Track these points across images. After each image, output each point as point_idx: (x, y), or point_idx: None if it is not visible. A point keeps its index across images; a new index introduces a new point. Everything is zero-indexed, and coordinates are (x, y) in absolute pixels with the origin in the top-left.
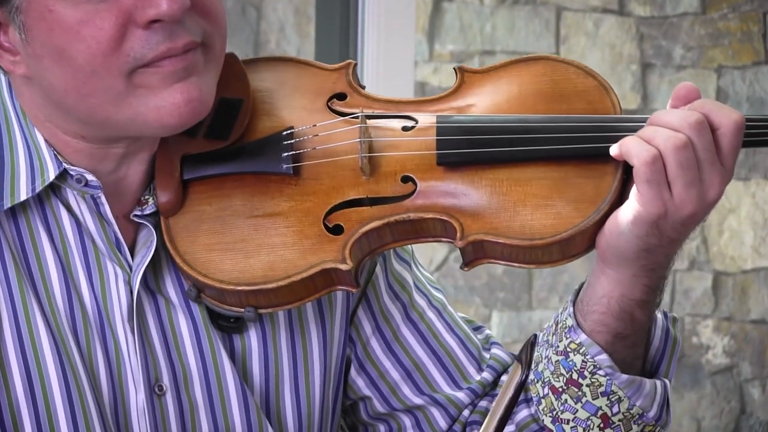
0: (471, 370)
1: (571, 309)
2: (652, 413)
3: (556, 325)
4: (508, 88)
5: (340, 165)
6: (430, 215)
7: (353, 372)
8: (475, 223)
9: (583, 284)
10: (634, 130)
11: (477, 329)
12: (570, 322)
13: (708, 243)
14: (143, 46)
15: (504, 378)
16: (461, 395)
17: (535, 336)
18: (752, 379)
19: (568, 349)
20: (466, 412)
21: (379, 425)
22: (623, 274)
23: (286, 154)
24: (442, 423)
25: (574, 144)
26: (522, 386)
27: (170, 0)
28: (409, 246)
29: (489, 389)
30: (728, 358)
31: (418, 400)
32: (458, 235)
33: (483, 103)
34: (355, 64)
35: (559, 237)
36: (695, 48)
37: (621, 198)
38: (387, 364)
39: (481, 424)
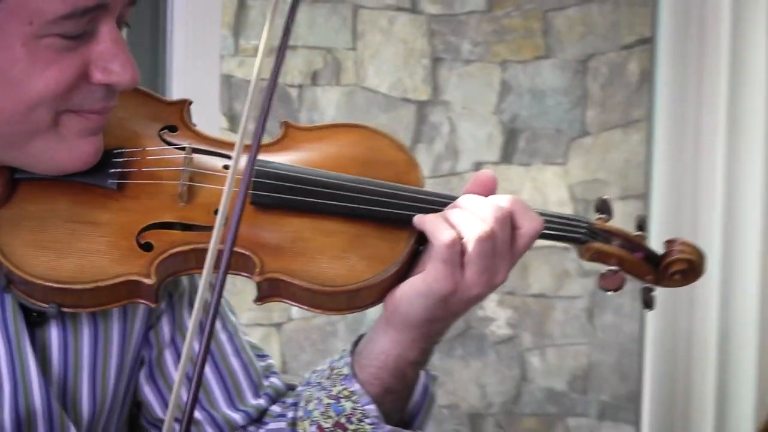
0: (249, 394)
1: (349, 359)
2: None
3: (331, 370)
4: (327, 147)
5: (161, 189)
6: (234, 248)
7: (143, 376)
8: (274, 262)
9: (362, 336)
10: (433, 204)
11: (261, 357)
12: (346, 371)
13: None
14: (85, 98)
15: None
16: (237, 416)
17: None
18: (532, 348)
19: (341, 395)
20: None
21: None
22: (404, 337)
23: (113, 170)
24: None
25: (378, 207)
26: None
27: (132, 78)
28: None
29: (262, 416)
30: (510, 329)
31: (197, 415)
32: (257, 270)
33: (301, 156)
34: (191, 102)
35: (348, 288)
36: (482, 43)
37: (411, 264)
38: (174, 376)
39: None
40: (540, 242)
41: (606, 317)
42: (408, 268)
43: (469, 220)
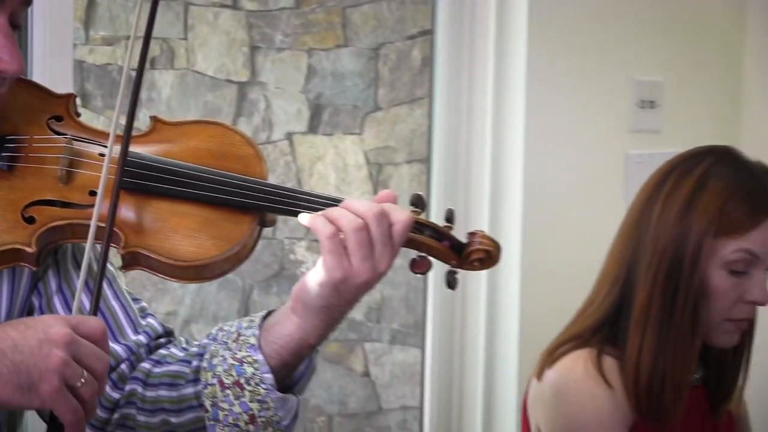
0: (129, 330)
1: (257, 332)
2: (285, 422)
3: (238, 335)
4: (187, 140)
5: (45, 172)
6: (104, 224)
7: None
8: (136, 237)
9: (271, 311)
10: (273, 194)
11: (135, 300)
12: (253, 341)
13: (302, 183)
14: None
15: (161, 343)
16: (119, 348)
17: None
18: None
19: (244, 360)
20: (124, 366)
21: None
22: (307, 324)
23: (4, 153)
24: None
25: (224, 195)
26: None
27: (18, 68)
28: None
29: (144, 351)
30: None
31: None
32: (122, 244)
33: (165, 148)
34: (76, 96)
35: (196, 263)
36: (292, 35)
37: (253, 245)
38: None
39: (143, 381)
40: (341, 196)
41: (396, 260)
42: (252, 247)
43: (345, 215)
